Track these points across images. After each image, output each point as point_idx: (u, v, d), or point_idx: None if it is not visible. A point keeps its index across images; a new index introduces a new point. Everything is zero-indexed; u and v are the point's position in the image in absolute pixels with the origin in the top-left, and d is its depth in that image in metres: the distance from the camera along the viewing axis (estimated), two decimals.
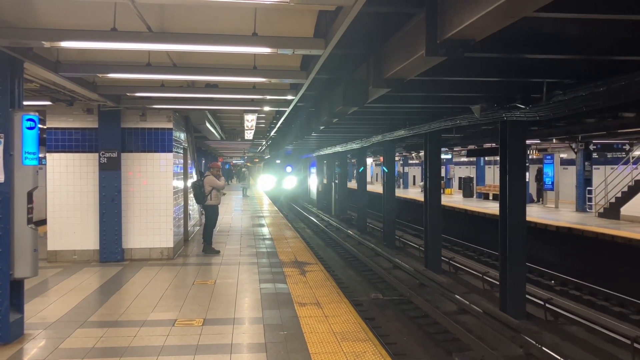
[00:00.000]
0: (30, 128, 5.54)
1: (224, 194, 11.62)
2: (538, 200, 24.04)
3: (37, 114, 5.70)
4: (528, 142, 18.94)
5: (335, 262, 17.65)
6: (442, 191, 21.52)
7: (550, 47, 6.36)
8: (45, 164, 10.01)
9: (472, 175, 31.06)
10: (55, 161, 9.81)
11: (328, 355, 5.05)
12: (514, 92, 9.36)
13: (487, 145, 21.47)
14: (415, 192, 32.70)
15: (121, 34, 5.15)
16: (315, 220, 28.78)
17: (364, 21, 5.31)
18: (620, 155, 22.92)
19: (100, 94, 8.53)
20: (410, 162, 44.30)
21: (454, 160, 35.93)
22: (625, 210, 16.64)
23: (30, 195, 5.62)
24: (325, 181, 36.90)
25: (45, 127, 10.02)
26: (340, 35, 4.88)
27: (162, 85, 8.40)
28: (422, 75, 6.66)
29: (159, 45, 5.51)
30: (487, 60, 7.44)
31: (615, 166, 19.64)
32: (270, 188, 40.80)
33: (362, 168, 27.17)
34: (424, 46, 4.85)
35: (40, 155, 6.30)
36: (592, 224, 15.48)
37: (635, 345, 8.65)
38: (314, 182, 41.78)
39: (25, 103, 6.10)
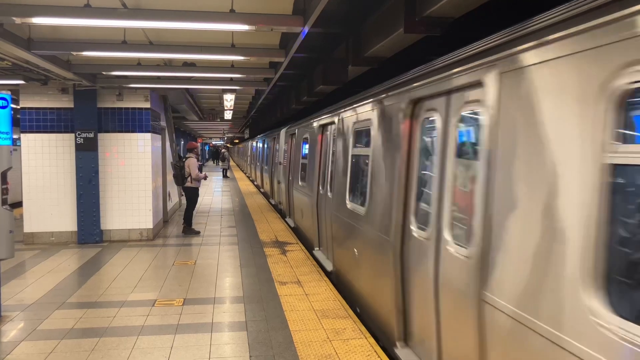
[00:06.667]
0: (2, 107, 5.42)
1: (205, 178, 11.56)
2: None
3: (9, 92, 5.58)
4: None
5: None
6: None
7: None
8: (19, 145, 9.81)
9: None
10: (30, 142, 9.60)
11: (309, 332, 5.10)
12: None
13: None
14: None
15: (95, 10, 5.03)
16: None
17: None
18: None
19: (75, 72, 8.35)
20: None
21: None
22: None
23: (4, 176, 5.52)
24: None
25: (18, 107, 9.79)
26: (319, 13, 4.83)
27: (139, 64, 8.25)
28: (401, 55, 6.64)
29: (134, 22, 5.40)
30: (467, 39, 7.44)
31: None
32: None
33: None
34: (402, 24, 4.84)
35: (15, 136, 6.18)
36: None
37: None
38: None
39: None
